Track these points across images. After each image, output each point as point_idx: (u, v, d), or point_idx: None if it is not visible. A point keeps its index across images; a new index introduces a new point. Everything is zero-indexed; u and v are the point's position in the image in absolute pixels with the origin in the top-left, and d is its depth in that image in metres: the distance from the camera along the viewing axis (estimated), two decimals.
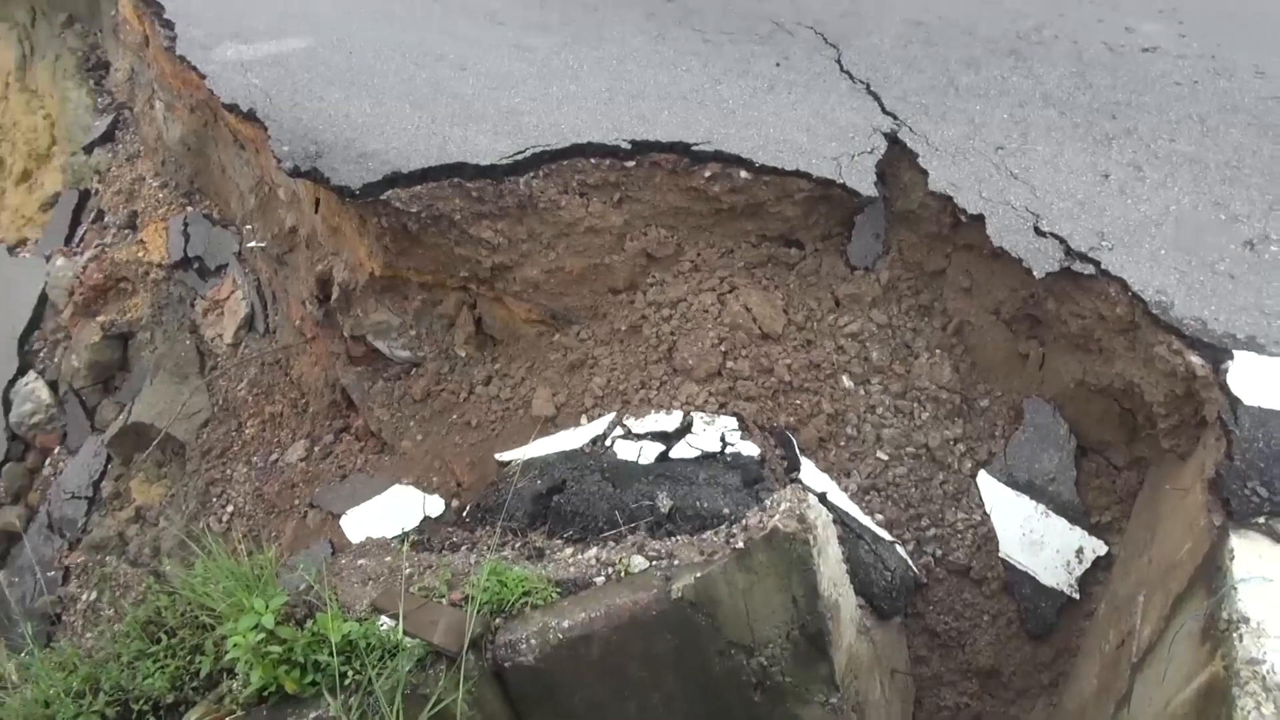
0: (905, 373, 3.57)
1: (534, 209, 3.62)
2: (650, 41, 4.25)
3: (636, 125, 3.68)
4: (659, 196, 3.69)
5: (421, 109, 3.80)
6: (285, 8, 4.66)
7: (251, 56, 4.21)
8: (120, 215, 6.68)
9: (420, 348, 4.29)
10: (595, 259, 3.74)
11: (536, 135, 3.63)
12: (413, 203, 3.52)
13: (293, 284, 5.07)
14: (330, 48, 4.27)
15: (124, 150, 7.31)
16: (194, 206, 6.28)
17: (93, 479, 5.69)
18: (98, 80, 8.29)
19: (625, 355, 3.65)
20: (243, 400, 5.28)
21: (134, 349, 6.02)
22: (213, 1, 4.74)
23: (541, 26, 4.41)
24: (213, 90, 4.10)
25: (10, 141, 8.86)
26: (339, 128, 3.73)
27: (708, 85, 3.93)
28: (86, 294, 6.17)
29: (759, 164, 3.55)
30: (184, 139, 6.09)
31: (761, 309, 3.58)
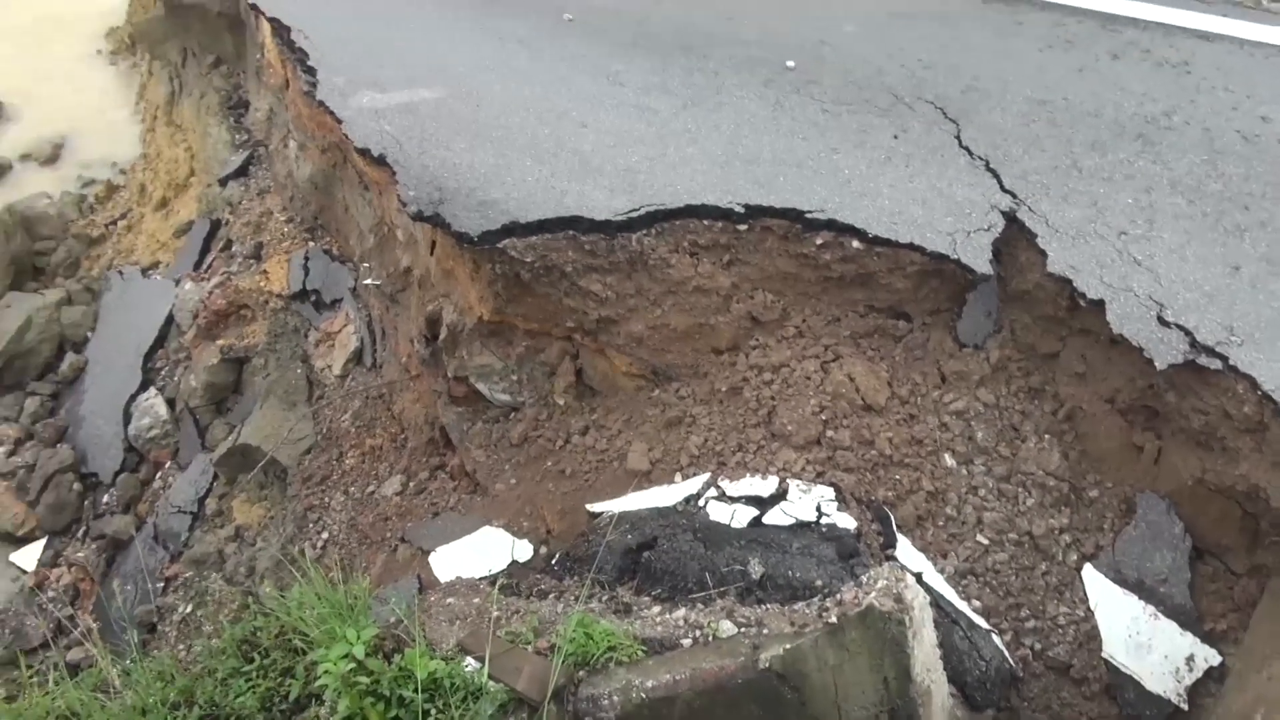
0: (1011, 456, 3.48)
1: (644, 265, 3.68)
2: (768, 108, 4.30)
3: (751, 190, 3.72)
4: (768, 261, 3.70)
5: (542, 163, 3.91)
6: (420, 60, 4.87)
7: (385, 105, 4.42)
8: (247, 245, 7.02)
9: (520, 393, 4.36)
10: (700, 318, 3.76)
11: (652, 194, 3.70)
12: (527, 252, 3.62)
13: (403, 322, 5.23)
14: (459, 99, 4.45)
15: (255, 185, 7.70)
16: (315, 242, 6.56)
17: (198, 495, 5.91)
18: (237, 118, 8.79)
19: (724, 416, 3.65)
20: (345, 431, 5.44)
21: (248, 373, 6.28)
22: (353, 52, 4.99)
23: (662, 88, 4.51)
24: (348, 135, 4.31)
25: (153, 170, 9.45)
26: (462, 176, 3.87)
27: (824, 154, 3.95)
28: (209, 318, 6.48)
29: (872, 235, 3.54)
30: (312, 178, 6.39)
31: (865, 380, 3.54)
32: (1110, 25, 4.99)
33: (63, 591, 5.98)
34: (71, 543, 6.40)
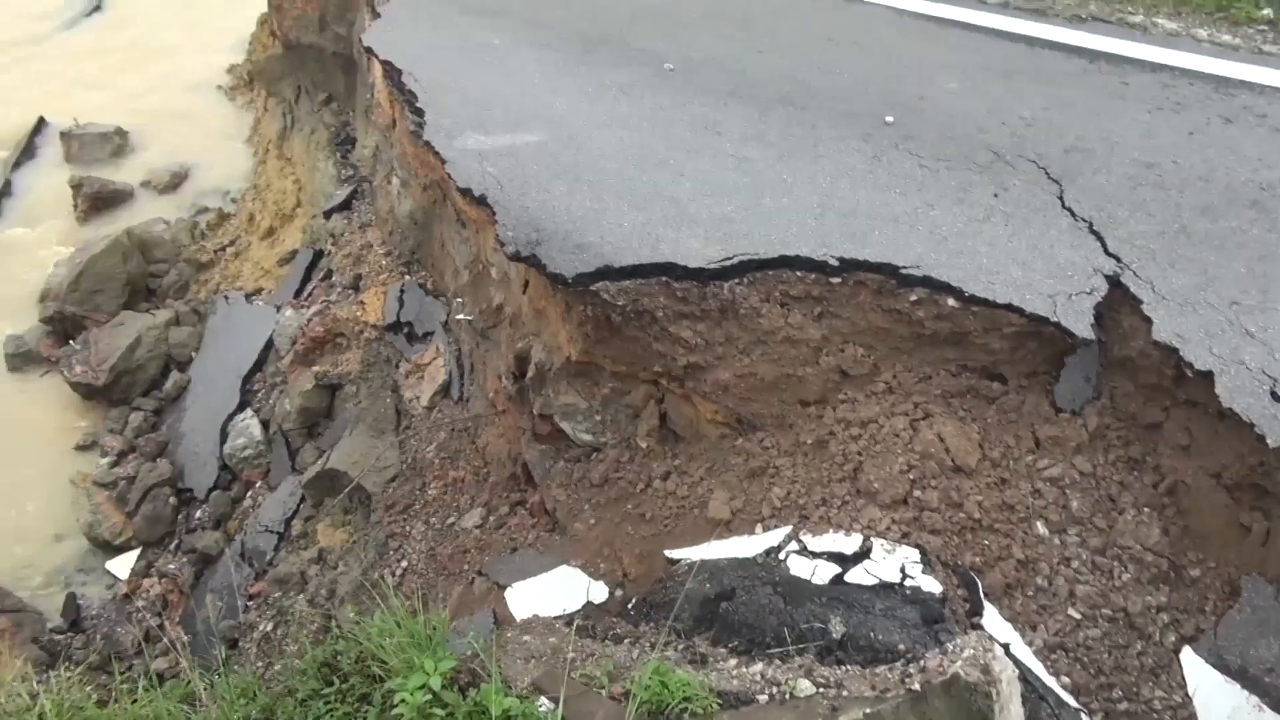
0: (1107, 528, 3.35)
1: (735, 314, 3.69)
2: (865, 162, 4.30)
3: (846, 243, 3.71)
4: (860, 315, 3.68)
5: (639, 209, 3.97)
6: (523, 105, 5.01)
7: (489, 147, 4.55)
8: (346, 276, 7.26)
9: (603, 433, 4.39)
10: (789, 369, 3.74)
11: (746, 243, 3.72)
12: (620, 296, 3.66)
13: (492, 358, 5.33)
14: (560, 144, 4.56)
15: (358, 218, 7.99)
16: (412, 275, 6.76)
17: (285, 516, 6.08)
18: (344, 154, 9.15)
19: (808, 469, 3.61)
20: (429, 462, 5.54)
21: (340, 400, 6.46)
22: (460, 95, 5.16)
23: (759, 139, 4.54)
24: (451, 175, 4.44)
25: (263, 201, 9.87)
26: (560, 219, 3.95)
27: (921, 210, 3.92)
28: (307, 344, 6.71)
29: (968, 293, 3.49)
30: (413, 214, 6.60)
31: (956, 440, 3.47)
32: (1223, 89, 4.86)
33: (153, 601, 6.19)
34: (164, 554, 6.64)
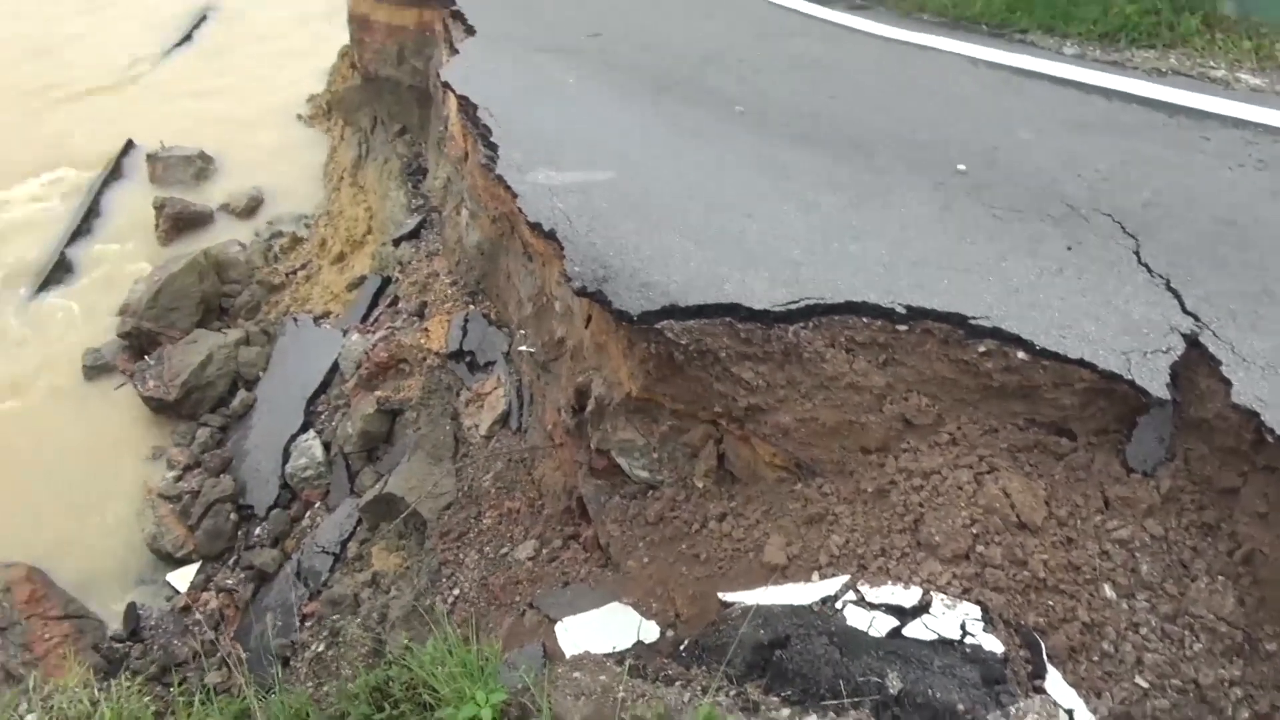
0: (1179, 594, 3.24)
1: (798, 358, 3.67)
2: (936, 210, 4.27)
3: (914, 291, 3.67)
4: (926, 364, 3.63)
5: (706, 249, 3.99)
6: (595, 143, 5.09)
7: (560, 183, 4.61)
8: (412, 304, 7.39)
9: (660, 471, 4.38)
10: (851, 416, 3.71)
11: (812, 288, 3.71)
12: (684, 335, 3.67)
13: (551, 390, 5.37)
14: (631, 183, 4.61)
15: (425, 247, 8.14)
16: (476, 305, 6.86)
17: (342, 538, 6.16)
18: (415, 184, 9.36)
19: (868, 518, 3.56)
20: (485, 491, 5.58)
21: (400, 425, 6.55)
22: (533, 131, 5.25)
23: (830, 184, 4.54)
24: (521, 209, 4.51)
25: (335, 227, 10.13)
26: (627, 257, 3.98)
27: (992, 260, 3.87)
28: (371, 369, 6.83)
29: (1039, 347, 3.43)
30: (480, 245, 6.71)
31: (1021, 496, 3.39)
32: None
33: (210, 615, 6.30)
34: (222, 569, 6.76)
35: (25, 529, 7.33)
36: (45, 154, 11.99)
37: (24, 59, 14.16)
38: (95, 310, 9.49)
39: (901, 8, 7.20)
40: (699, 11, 7.30)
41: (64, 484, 7.77)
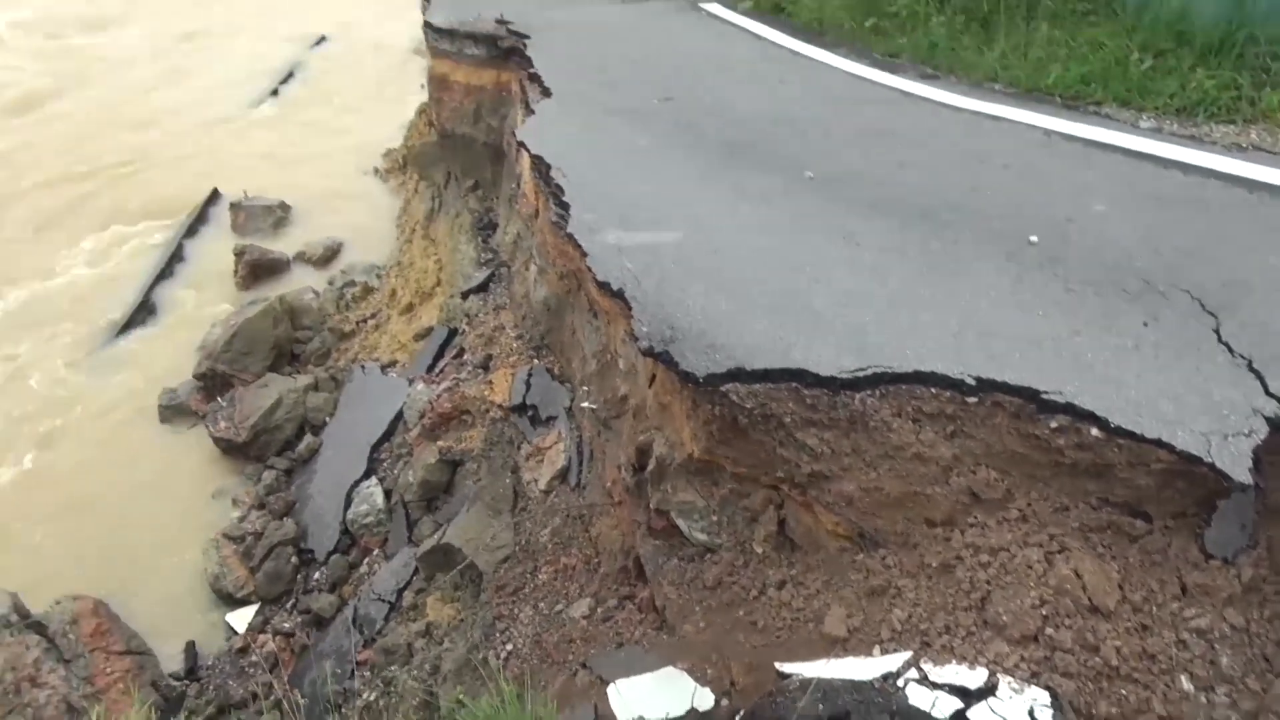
0: (1261, 690, 3.09)
1: (864, 426, 3.63)
2: (1008, 281, 4.22)
3: (984, 363, 3.63)
4: (995, 438, 3.57)
5: (773, 313, 4.00)
6: (665, 205, 5.16)
7: (629, 243, 4.68)
8: (477, 356, 7.50)
9: (719, 535, 4.35)
10: (916, 487, 3.65)
11: (880, 356, 3.68)
12: (749, 399, 3.67)
13: (612, 448, 5.38)
14: (699, 245, 4.66)
15: (493, 301, 8.29)
16: (540, 360, 6.93)
17: (398, 586, 6.20)
18: (485, 238, 9.56)
19: (932, 593, 3.48)
20: (542, 546, 5.58)
21: (460, 476, 6.62)
22: (604, 192, 5.35)
23: (899, 252, 4.53)
24: (590, 267, 4.58)
25: (405, 278, 10.37)
26: (695, 318, 4.01)
27: (1065, 335, 3.81)
28: (434, 419, 6.92)
29: (1114, 425, 3.35)
30: (546, 300, 6.81)
31: (1094, 578, 3.29)
32: None
33: (266, 658, 6.36)
34: (280, 612, 6.84)
35: (93, 562, 7.52)
36: (137, 203, 12.54)
37: (123, 116, 14.88)
38: (173, 351, 9.81)
39: (972, 77, 7.21)
40: (770, 77, 7.41)
41: (133, 519, 7.98)
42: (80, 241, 11.85)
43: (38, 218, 12.16)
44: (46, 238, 11.83)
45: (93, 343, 10.18)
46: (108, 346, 10.16)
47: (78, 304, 10.78)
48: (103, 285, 11.11)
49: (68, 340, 10.17)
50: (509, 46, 8.99)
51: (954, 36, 7.61)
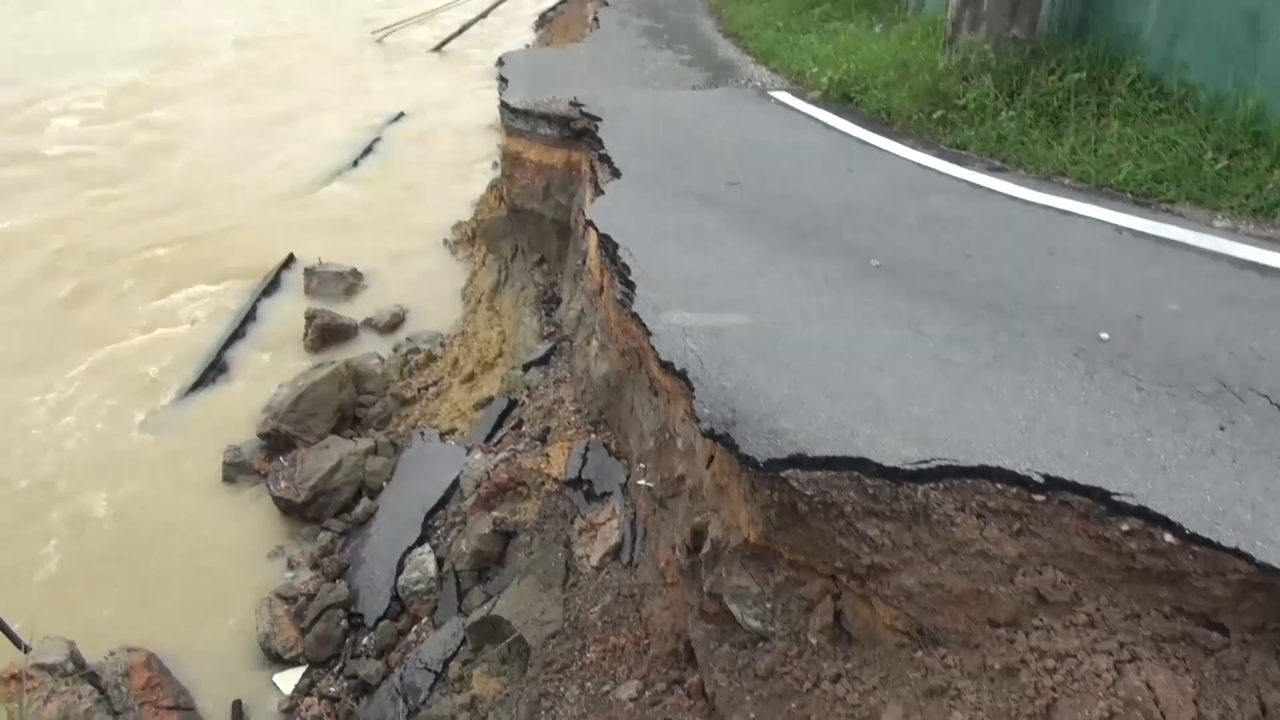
0: None
1: (926, 519, 3.57)
2: (1077, 378, 4.16)
3: (1052, 460, 3.56)
4: (1064, 538, 3.48)
5: (836, 401, 3.98)
6: (730, 288, 5.21)
7: (693, 324, 4.72)
8: (536, 428, 7.55)
9: (773, 622, 4.27)
10: (979, 584, 3.56)
11: (945, 448, 3.64)
12: (809, 486, 3.64)
13: (666, 528, 5.35)
14: (763, 329, 4.68)
15: (553, 374, 8.37)
16: (597, 435, 6.95)
17: (445, 656, 6.16)
18: (548, 312, 9.71)
19: (994, 697, 3.36)
20: (592, 624, 5.52)
21: (513, 548, 6.61)
22: (670, 272, 5.43)
23: (965, 343, 4.50)
24: (654, 346, 4.62)
25: (468, 347, 10.55)
26: (757, 402, 4.01)
27: (1137, 434, 3.72)
28: (490, 489, 6.95)
29: (1189, 531, 3.24)
30: (606, 376, 6.86)
31: (1167, 692, 3.15)
32: None
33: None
34: (327, 676, 6.83)
35: (149, 614, 7.62)
36: (217, 266, 13.02)
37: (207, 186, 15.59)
38: (241, 410, 10.05)
39: (1041, 171, 7.22)
40: (838, 166, 7.50)
41: (190, 574, 8.09)
42: (160, 301, 12.32)
43: (121, 279, 12.70)
44: (128, 297, 12.32)
45: (165, 398, 10.49)
46: (179, 403, 10.45)
47: (154, 361, 11.15)
48: (179, 343, 11.48)
49: (142, 395, 10.50)
50: (581, 128, 9.26)
51: (1023, 130, 7.65)
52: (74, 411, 10.19)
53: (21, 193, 15.30)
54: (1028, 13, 8.14)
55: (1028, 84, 7.88)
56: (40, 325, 11.75)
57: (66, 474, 9.26)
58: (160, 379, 10.79)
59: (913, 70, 8.95)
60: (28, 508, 8.81)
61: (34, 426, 9.97)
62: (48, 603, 7.73)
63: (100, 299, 12.29)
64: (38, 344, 11.38)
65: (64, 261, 13.18)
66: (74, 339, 11.47)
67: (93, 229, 14.13)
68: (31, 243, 13.72)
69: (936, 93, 8.45)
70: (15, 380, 10.69)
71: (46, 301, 12.29)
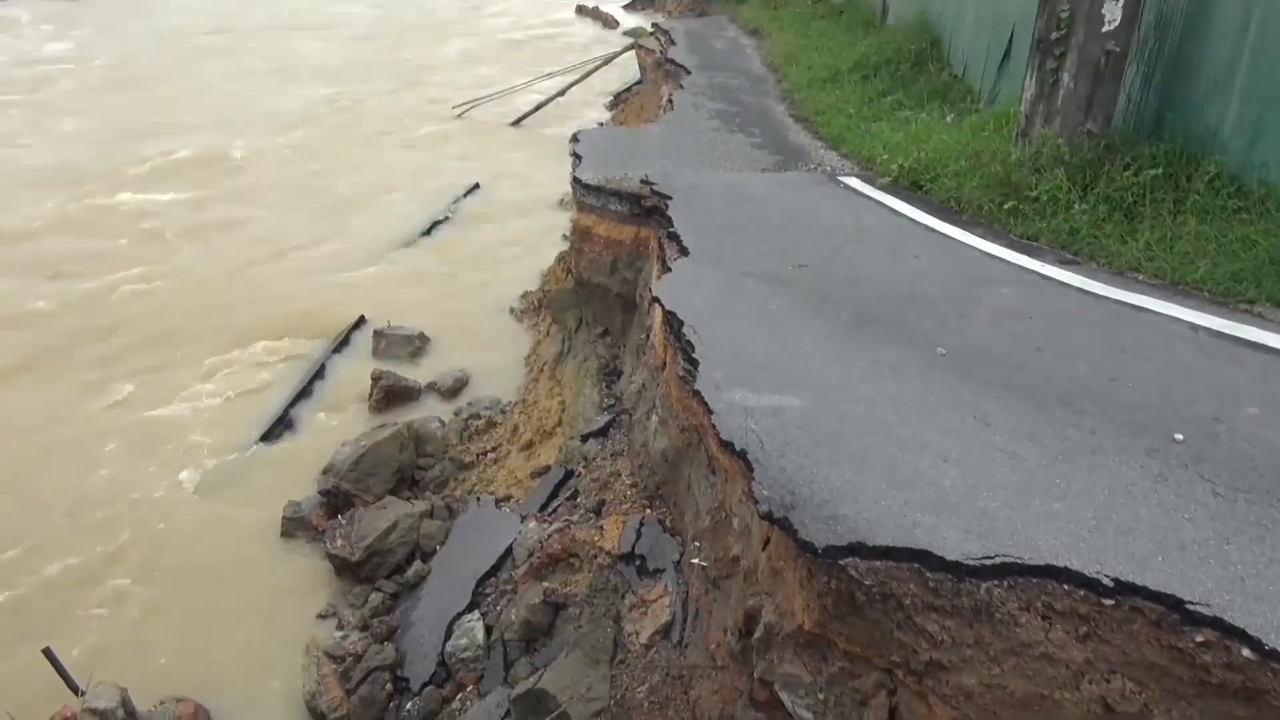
0: None
1: (988, 617, 3.47)
2: (1149, 479, 4.04)
3: (1122, 563, 3.45)
4: (1133, 645, 3.34)
5: (898, 489, 3.93)
6: (793, 369, 5.21)
7: (755, 405, 4.72)
8: (591, 500, 7.55)
9: (825, 714, 4.16)
10: (1043, 689, 3.43)
11: (1010, 545, 3.55)
12: (868, 575, 3.57)
13: (719, 609, 5.27)
14: (826, 412, 4.65)
15: (611, 446, 8.39)
16: (652, 510, 6.92)
17: None
18: (609, 384, 9.77)
19: None
20: (638, 704, 5.43)
21: (562, 620, 6.56)
22: (734, 352, 5.45)
23: (1032, 437, 4.41)
24: (715, 425, 4.62)
25: (528, 416, 10.64)
26: (816, 486, 3.97)
27: (1213, 541, 3.59)
28: (542, 559, 6.94)
29: (1268, 647, 3.09)
30: (665, 452, 6.85)
31: None
32: None
33: None
34: None
35: (199, 665, 7.69)
36: (290, 325, 13.41)
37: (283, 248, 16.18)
38: (304, 466, 10.23)
39: (1114, 265, 7.13)
40: (905, 252, 7.50)
41: (242, 627, 8.17)
42: (230, 356, 12.69)
43: (195, 335, 13.13)
44: (200, 353, 12.72)
45: (231, 452, 10.73)
46: (244, 456, 10.69)
47: (222, 414, 11.46)
48: (247, 398, 11.79)
49: (209, 448, 10.76)
50: (651, 205, 9.43)
51: (1096, 224, 7.58)
52: (142, 460, 10.48)
53: (100, 250, 16.03)
54: (1103, 108, 8.14)
55: (1102, 178, 7.84)
56: (112, 375, 12.18)
57: (130, 521, 9.49)
58: (228, 432, 11.07)
59: (984, 160, 8.96)
60: (91, 554, 9.03)
61: (101, 472, 10.27)
62: (103, 647, 7.87)
63: (173, 353, 12.71)
64: (109, 393, 11.78)
65: (140, 316, 13.72)
66: (145, 390, 11.86)
67: (168, 286, 14.72)
68: (108, 296, 14.31)
69: (1008, 183, 8.44)
70: (83, 427, 11.06)
71: (120, 352, 12.74)
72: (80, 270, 15.15)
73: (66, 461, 10.38)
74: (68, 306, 13.95)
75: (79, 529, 9.34)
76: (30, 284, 14.69)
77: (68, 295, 14.29)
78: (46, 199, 18.21)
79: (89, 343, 12.96)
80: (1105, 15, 7.85)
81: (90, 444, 10.71)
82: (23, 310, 13.86)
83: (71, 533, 9.27)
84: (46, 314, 13.77)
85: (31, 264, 15.44)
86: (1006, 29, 11.62)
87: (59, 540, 9.16)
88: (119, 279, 14.86)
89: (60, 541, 9.15)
